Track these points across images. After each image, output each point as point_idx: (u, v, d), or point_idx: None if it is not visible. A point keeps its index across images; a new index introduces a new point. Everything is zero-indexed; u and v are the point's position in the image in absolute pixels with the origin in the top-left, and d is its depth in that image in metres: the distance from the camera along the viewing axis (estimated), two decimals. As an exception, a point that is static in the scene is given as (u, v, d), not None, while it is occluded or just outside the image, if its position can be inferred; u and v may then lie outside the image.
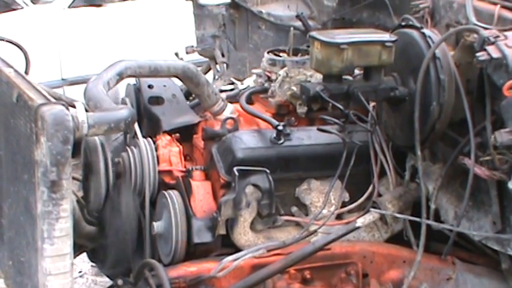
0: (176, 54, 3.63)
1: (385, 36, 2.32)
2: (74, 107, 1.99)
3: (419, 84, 2.24)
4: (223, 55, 3.59)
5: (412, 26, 2.36)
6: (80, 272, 4.10)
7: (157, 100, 2.77)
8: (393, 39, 2.31)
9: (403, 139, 2.40)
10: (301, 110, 2.59)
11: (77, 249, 2.71)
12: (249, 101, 2.73)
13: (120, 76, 2.38)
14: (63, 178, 1.94)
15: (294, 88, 2.61)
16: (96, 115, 2.02)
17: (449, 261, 2.44)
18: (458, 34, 2.27)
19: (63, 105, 1.97)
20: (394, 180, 2.47)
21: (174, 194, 2.45)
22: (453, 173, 2.33)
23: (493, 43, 2.08)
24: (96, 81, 2.27)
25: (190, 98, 2.95)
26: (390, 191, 2.47)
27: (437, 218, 2.37)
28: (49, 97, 2.04)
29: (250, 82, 2.92)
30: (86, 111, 2.00)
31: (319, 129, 2.42)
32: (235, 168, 2.35)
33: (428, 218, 2.32)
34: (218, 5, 3.52)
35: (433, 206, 2.35)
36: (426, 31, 2.32)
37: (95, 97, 2.18)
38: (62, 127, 1.91)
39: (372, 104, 2.51)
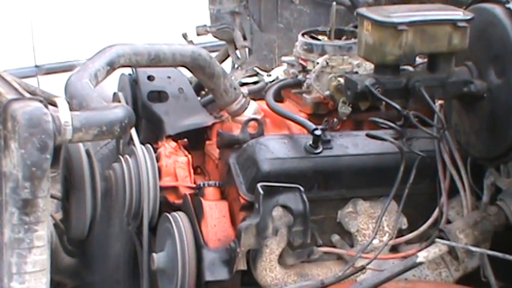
0: (184, 36, 3.64)
1: (458, 14, 2.31)
2: (54, 104, 1.99)
3: (504, 77, 2.22)
4: (244, 38, 3.60)
5: (493, 0, 2.34)
6: (58, 317, 4.12)
7: (159, 96, 2.79)
8: (468, 17, 2.29)
9: (480, 149, 2.39)
10: (346, 109, 2.60)
11: (55, 288, 2.72)
12: (278, 98, 2.74)
13: (111, 66, 2.39)
14: (39, 196, 1.94)
15: (340, 79, 2.61)
16: (83, 115, 2.02)
17: (541, 308, 2.43)
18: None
19: (41, 101, 1.96)
20: (470, 203, 2.46)
21: (180, 217, 2.45)
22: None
23: None
24: (81, 73, 2.27)
25: (202, 93, 2.95)
26: (463, 216, 2.46)
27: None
28: (22, 91, 2.05)
29: (279, 73, 2.94)
30: (70, 110, 1.99)
31: (368, 135, 2.42)
32: (259, 185, 2.34)
33: (514, 253, 2.30)
34: (238, -29, 3.53)
35: (520, 237, 2.34)
36: (513, 7, 2.31)
37: (79, 94, 2.18)
38: (38, 130, 1.91)
39: (439, 102, 2.50)
